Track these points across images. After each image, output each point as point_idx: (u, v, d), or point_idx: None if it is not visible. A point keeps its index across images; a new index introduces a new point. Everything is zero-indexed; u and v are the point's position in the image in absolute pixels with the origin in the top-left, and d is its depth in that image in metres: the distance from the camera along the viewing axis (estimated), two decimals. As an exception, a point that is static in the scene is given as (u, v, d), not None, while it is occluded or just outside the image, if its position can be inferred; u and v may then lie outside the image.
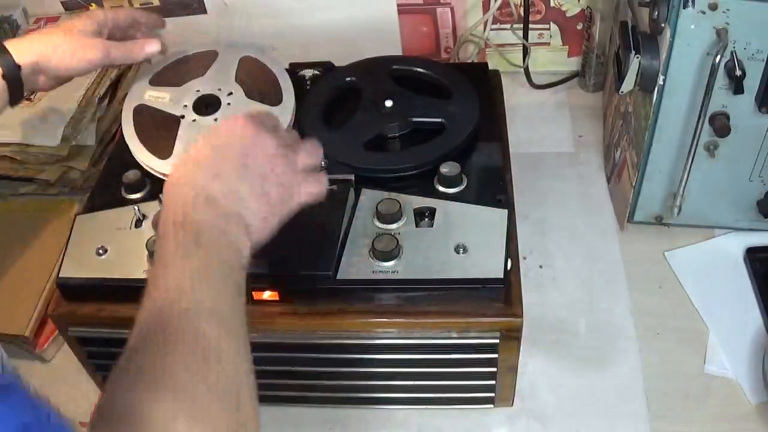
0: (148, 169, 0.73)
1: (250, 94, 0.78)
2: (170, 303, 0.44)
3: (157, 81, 0.80)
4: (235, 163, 0.51)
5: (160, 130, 0.75)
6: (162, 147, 0.74)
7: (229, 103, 0.77)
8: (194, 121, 0.76)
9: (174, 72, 0.81)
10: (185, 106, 0.77)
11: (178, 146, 0.73)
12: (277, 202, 0.53)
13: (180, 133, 0.74)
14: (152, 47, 0.74)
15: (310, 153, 0.57)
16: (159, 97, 0.78)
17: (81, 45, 0.69)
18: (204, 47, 0.86)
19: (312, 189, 0.56)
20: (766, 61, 0.67)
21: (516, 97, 1.04)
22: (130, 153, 0.76)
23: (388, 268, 0.63)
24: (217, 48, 0.85)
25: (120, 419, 0.38)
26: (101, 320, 0.66)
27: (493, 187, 0.70)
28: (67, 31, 0.69)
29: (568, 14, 1.03)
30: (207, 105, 0.77)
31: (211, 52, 0.84)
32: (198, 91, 0.78)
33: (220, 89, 0.79)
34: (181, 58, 0.84)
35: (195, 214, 0.48)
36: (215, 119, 0.76)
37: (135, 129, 0.76)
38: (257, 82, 0.80)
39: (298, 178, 0.55)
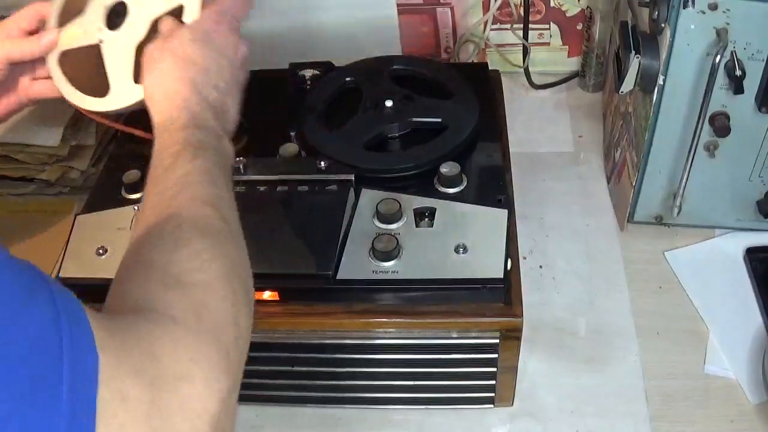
0: (94, 114, 0.65)
1: None
2: (175, 195, 0.46)
3: (63, 19, 0.67)
4: (203, 79, 0.55)
5: (89, 67, 0.64)
6: (99, 84, 0.64)
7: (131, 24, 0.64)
8: (114, 39, 0.64)
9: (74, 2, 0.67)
10: (99, 29, 0.65)
11: (113, 73, 0.64)
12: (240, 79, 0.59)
13: (107, 60, 0.64)
14: (49, 36, 0.65)
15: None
16: (73, 36, 0.65)
17: None
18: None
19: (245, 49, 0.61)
20: (766, 61, 0.67)
21: (516, 97, 1.04)
22: (131, 153, 0.76)
23: (388, 268, 0.63)
24: None
25: (132, 311, 0.39)
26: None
27: (493, 187, 0.70)
28: None
29: (568, 14, 1.03)
30: (117, 15, 0.65)
31: None
32: (104, 6, 0.65)
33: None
34: None
35: (191, 117, 0.52)
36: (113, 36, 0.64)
37: (69, 81, 0.65)
38: None
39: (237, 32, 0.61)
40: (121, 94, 0.63)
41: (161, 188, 0.48)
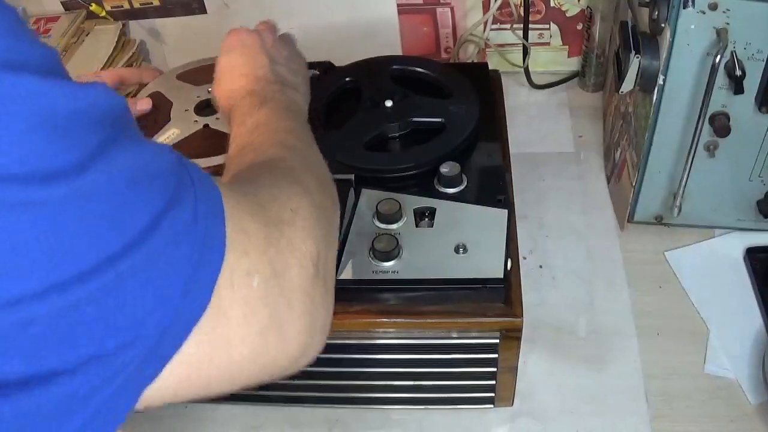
0: None
1: None
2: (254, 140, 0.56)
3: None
4: (262, 53, 0.66)
5: (193, 146, 0.77)
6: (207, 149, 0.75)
7: None
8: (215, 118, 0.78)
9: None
10: (195, 120, 0.79)
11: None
12: (301, 69, 0.72)
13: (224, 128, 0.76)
14: (144, 105, 0.79)
15: (286, 34, 0.76)
16: (172, 136, 0.78)
17: None
18: (206, 48, 0.86)
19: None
20: (766, 61, 0.67)
21: (516, 97, 1.04)
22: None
23: (388, 268, 0.63)
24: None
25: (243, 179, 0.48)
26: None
27: (493, 187, 0.70)
28: None
29: (568, 14, 1.03)
30: (202, 108, 0.80)
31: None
32: (191, 106, 0.80)
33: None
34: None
35: (260, 89, 0.62)
36: (216, 117, 0.78)
37: None
38: None
39: (294, 45, 0.74)
40: None
41: (240, 143, 0.57)
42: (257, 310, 0.39)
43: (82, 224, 0.31)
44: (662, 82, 0.70)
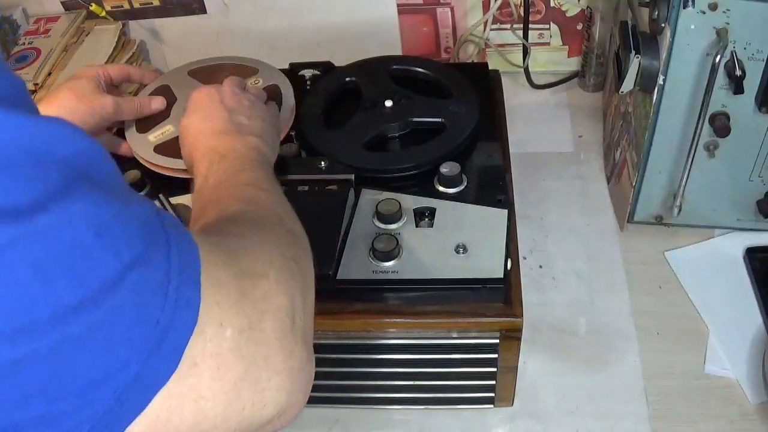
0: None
1: None
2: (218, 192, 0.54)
3: (142, 126, 0.79)
4: (220, 108, 0.64)
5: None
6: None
7: None
8: None
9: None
10: None
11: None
12: (267, 118, 0.67)
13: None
14: (157, 104, 0.78)
15: (255, 89, 0.74)
16: (166, 132, 0.77)
17: (94, 104, 0.72)
18: (206, 48, 0.86)
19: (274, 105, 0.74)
20: (766, 61, 0.67)
21: (516, 97, 1.04)
22: (131, 153, 0.76)
23: (388, 268, 0.63)
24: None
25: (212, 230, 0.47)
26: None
27: (493, 187, 0.70)
28: (77, 94, 0.72)
29: (568, 14, 1.03)
30: None
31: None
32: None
33: None
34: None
35: (217, 143, 0.60)
36: None
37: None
38: None
39: (262, 100, 0.70)
40: None
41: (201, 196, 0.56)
42: (231, 362, 0.37)
43: (33, 271, 0.29)
44: (662, 82, 0.70)
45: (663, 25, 0.67)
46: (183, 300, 0.35)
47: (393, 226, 0.66)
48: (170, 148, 0.74)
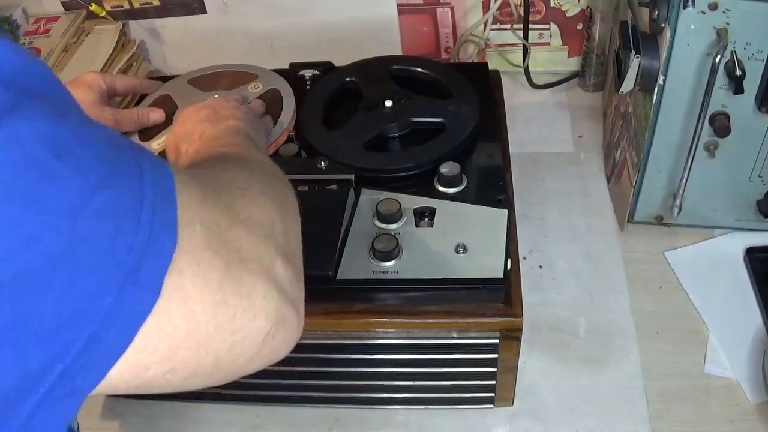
0: None
1: None
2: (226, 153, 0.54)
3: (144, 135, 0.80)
4: (204, 110, 0.64)
5: None
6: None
7: None
8: None
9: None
10: None
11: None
12: (250, 115, 0.66)
13: None
14: (156, 115, 0.78)
15: (254, 103, 0.75)
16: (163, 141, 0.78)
17: (94, 118, 0.71)
18: (206, 48, 0.86)
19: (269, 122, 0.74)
20: (766, 61, 0.67)
21: (516, 97, 1.04)
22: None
23: (388, 268, 0.63)
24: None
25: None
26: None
27: (493, 187, 0.70)
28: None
29: (568, 14, 1.03)
30: None
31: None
32: None
33: None
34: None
35: (199, 128, 0.60)
36: None
37: None
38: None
39: (251, 110, 0.70)
40: None
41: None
42: (210, 259, 0.35)
43: None
44: (662, 82, 0.70)
45: (663, 25, 0.67)
46: (159, 221, 0.33)
47: (393, 226, 0.66)
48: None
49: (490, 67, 0.88)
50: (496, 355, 0.65)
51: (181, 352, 0.35)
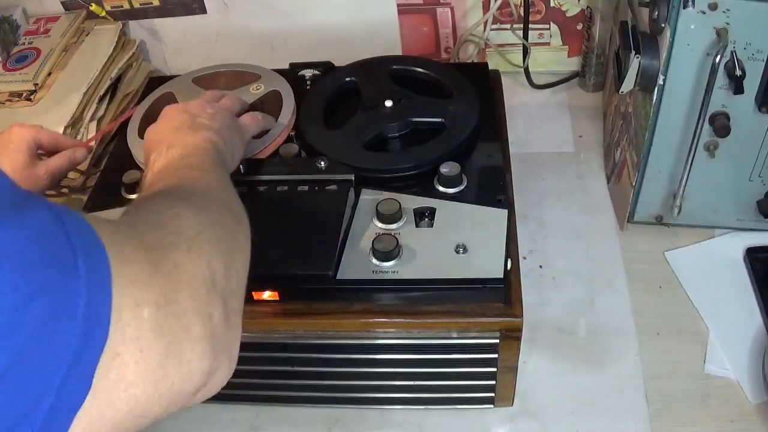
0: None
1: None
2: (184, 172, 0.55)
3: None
4: (185, 115, 0.63)
5: None
6: None
7: None
8: None
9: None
10: None
11: None
12: (233, 124, 0.67)
13: None
14: (81, 154, 0.75)
15: (231, 99, 0.73)
16: None
17: (29, 179, 0.69)
18: (206, 48, 0.87)
19: (249, 116, 0.72)
20: (766, 61, 0.67)
21: (516, 97, 1.04)
22: (131, 153, 0.76)
23: (388, 268, 0.63)
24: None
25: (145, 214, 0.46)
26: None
27: (493, 187, 0.70)
28: (11, 166, 0.69)
29: (568, 14, 1.03)
30: None
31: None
32: None
33: None
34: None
35: (170, 137, 0.60)
36: None
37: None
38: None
39: (232, 113, 0.70)
40: None
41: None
42: (152, 342, 0.37)
43: None
44: (662, 82, 0.70)
45: (663, 25, 0.67)
46: (96, 315, 0.34)
47: (393, 226, 0.66)
48: None
49: (490, 67, 0.88)
50: (496, 355, 0.65)
51: (122, 426, 0.36)
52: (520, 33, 1.02)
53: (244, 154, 0.69)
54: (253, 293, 0.64)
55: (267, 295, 0.64)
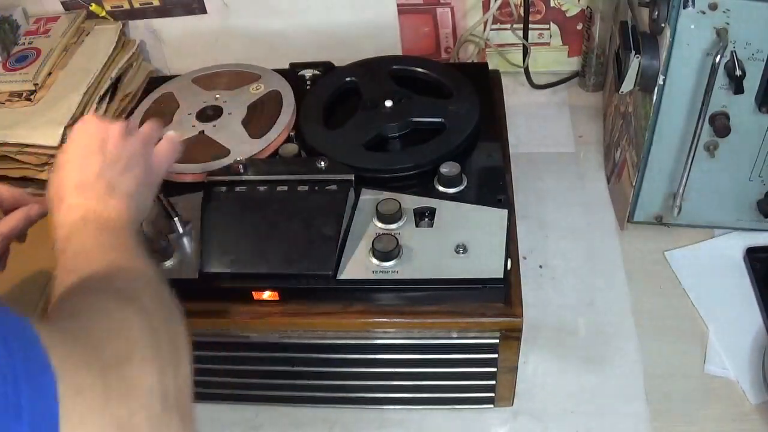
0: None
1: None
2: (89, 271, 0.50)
3: None
4: (96, 154, 0.58)
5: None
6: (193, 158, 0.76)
7: (230, 113, 0.80)
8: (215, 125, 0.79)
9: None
10: (194, 125, 0.80)
11: (229, 142, 0.77)
12: (142, 175, 0.60)
13: (216, 137, 0.78)
14: (36, 210, 0.67)
15: (151, 126, 0.65)
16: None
17: None
18: (206, 48, 0.87)
19: (166, 147, 0.65)
20: (766, 61, 0.67)
21: (516, 97, 1.04)
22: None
23: (388, 268, 0.63)
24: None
25: (70, 315, 0.43)
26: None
27: (493, 187, 0.70)
28: None
29: (568, 14, 1.03)
30: (206, 113, 0.81)
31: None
32: (193, 110, 0.81)
33: (225, 102, 0.82)
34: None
35: (82, 201, 0.55)
36: (213, 125, 0.79)
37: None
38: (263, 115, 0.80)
39: (150, 147, 0.63)
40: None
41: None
42: None
43: None
44: (662, 82, 0.70)
45: (663, 25, 0.67)
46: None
47: (393, 226, 0.66)
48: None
49: (490, 67, 0.88)
50: (496, 355, 0.65)
51: None
52: (520, 33, 1.02)
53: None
54: (253, 293, 0.64)
55: (267, 295, 0.64)
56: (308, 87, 0.84)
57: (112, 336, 0.41)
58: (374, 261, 0.64)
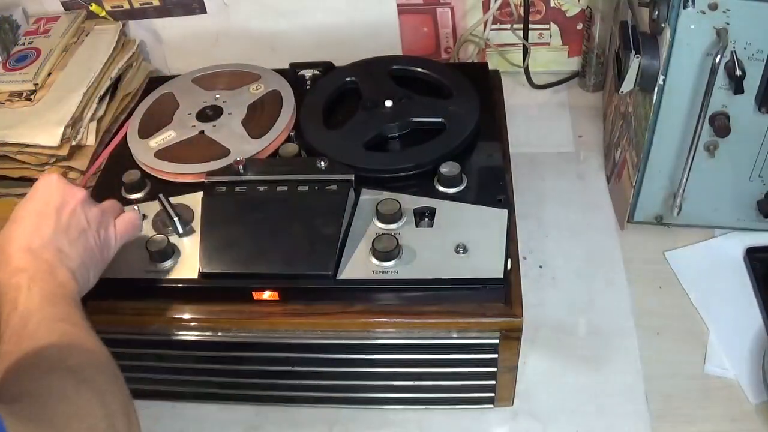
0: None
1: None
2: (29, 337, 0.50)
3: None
4: (52, 217, 0.57)
5: (184, 151, 0.77)
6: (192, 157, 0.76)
7: (230, 113, 0.80)
8: (215, 125, 0.79)
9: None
10: (194, 125, 0.80)
11: (228, 141, 0.77)
12: (95, 247, 0.59)
13: (216, 136, 0.78)
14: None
15: (112, 202, 0.64)
16: (167, 138, 0.78)
17: None
18: (206, 48, 0.87)
19: (127, 220, 0.63)
20: (766, 61, 0.67)
21: (516, 97, 1.04)
22: (131, 153, 0.77)
23: (388, 268, 0.63)
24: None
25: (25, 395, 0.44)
26: (100, 319, 0.65)
27: (493, 187, 0.70)
28: None
29: (568, 14, 1.03)
30: (206, 113, 0.81)
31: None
32: (193, 111, 0.81)
33: (225, 102, 0.82)
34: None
35: (29, 264, 0.54)
36: (213, 125, 0.79)
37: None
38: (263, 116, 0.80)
39: (109, 219, 0.61)
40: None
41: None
42: None
43: None
44: (662, 82, 0.70)
45: (663, 25, 0.67)
46: None
47: (393, 226, 0.66)
48: (170, 153, 0.76)
49: (490, 67, 0.88)
50: (496, 355, 0.65)
51: None
52: (520, 33, 1.02)
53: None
54: (253, 293, 0.64)
55: (267, 295, 0.64)
56: (308, 87, 0.84)
57: (73, 422, 0.42)
58: (374, 261, 0.64)
